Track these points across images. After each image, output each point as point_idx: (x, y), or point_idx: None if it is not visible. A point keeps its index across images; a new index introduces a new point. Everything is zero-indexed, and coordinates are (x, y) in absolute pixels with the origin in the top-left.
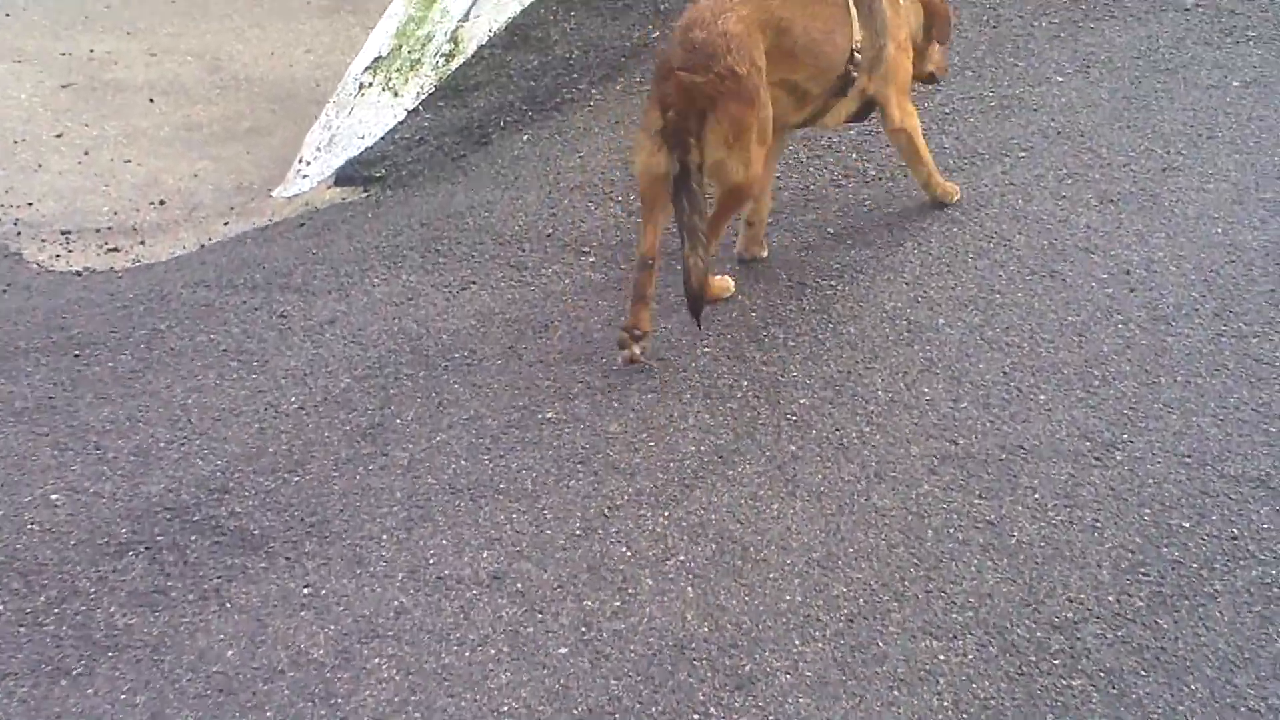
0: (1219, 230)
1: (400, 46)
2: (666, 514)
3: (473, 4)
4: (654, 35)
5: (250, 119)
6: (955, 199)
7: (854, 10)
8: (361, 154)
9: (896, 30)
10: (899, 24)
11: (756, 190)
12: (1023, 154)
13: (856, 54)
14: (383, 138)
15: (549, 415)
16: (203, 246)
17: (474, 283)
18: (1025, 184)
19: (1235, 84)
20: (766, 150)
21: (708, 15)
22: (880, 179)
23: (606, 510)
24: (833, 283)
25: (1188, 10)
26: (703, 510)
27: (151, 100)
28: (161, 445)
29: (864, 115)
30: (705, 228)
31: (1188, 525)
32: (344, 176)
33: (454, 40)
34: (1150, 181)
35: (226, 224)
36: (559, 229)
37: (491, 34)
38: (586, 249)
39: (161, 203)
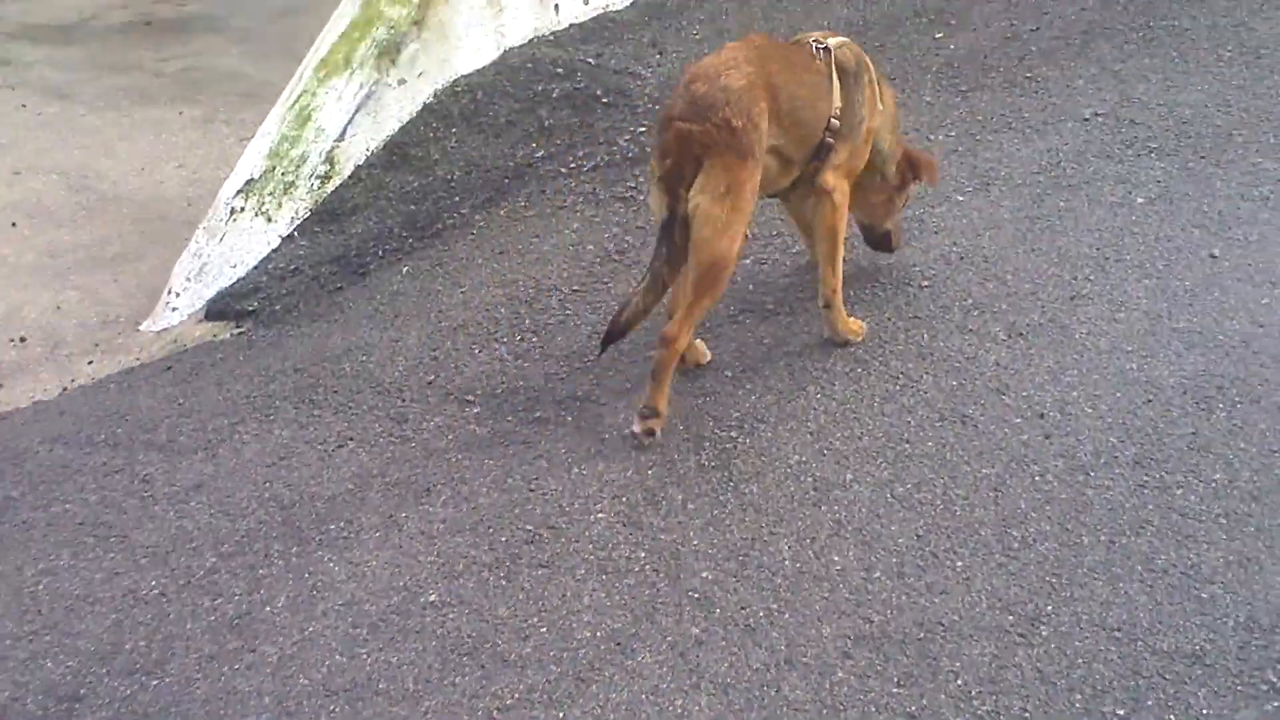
0: (1134, 365)
1: (273, 168)
2: (561, 715)
3: (349, 122)
4: (538, 154)
5: (118, 243)
6: (858, 338)
7: (837, 80)
8: (233, 285)
9: (871, 116)
10: (874, 112)
11: (731, 267)
12: (925, 283)
13: (834, 121)
14: (255, 267)
15: (432, 598)
16: (64, 390)
17: (351, 439)
18: (930, 316)
19: (1140, 200)
20: (748, 221)
21: (711, 70)
22: (779, 313)
23: (496, 712)
24: (733, 434)
25: (1086, 120)
26: (600, 709)
27: (14, 224)
28: (8, 643)
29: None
30: (669, 278)
31: (1122, 713)
32: (215, 310)
33: (330, 161)
34: (1059, 311)
35: (90, 363)
36: (441, 375)
37: (369, 153)
38: (471, 398)
39: (22, 340)
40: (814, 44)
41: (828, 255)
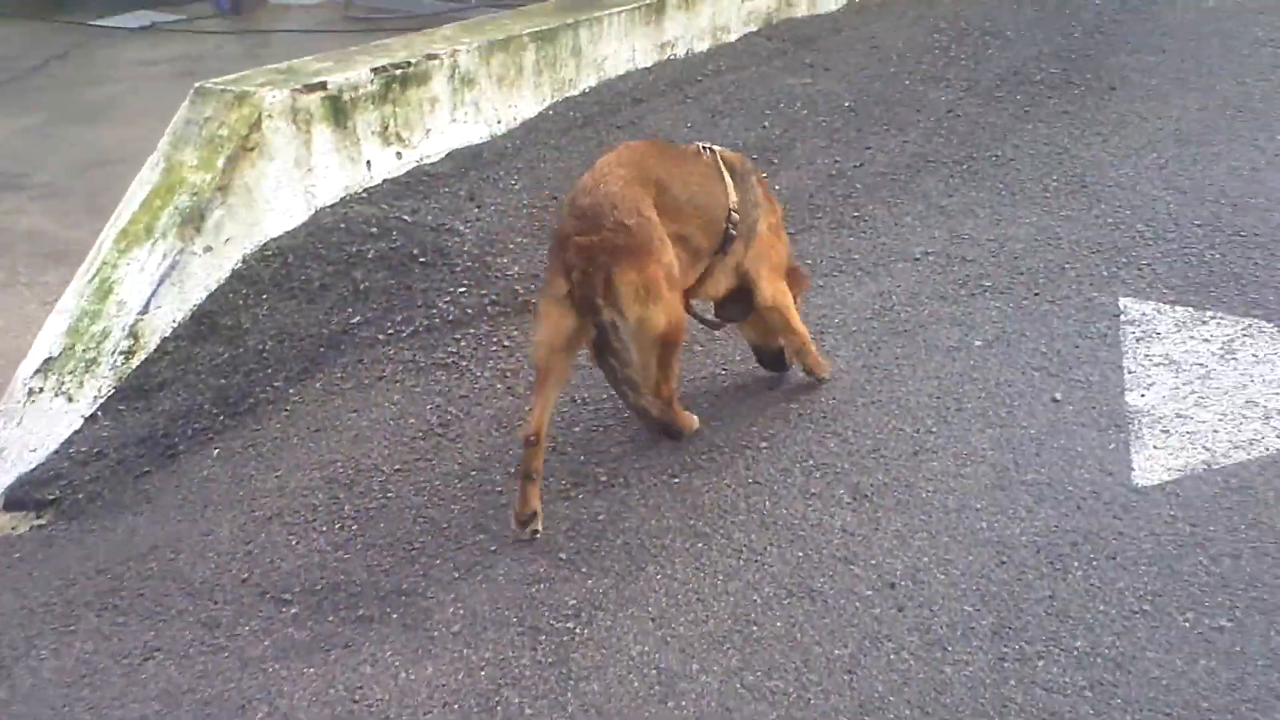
0: (983, 524)
1: (73, 345)
2: None
3: (153, 293)
4: (354, 320)
5: None
6: (827, 376)
7: (728, 176)
8: (34, 471)
9: (769, 213)
10: (771, 210)
11: (682, 334)
12: (764, 444)
13: (734, 212)
14: (56, 451)
15: None
16: None
17: (159, 650)
18: (771, 481)
19: (978, 344)
20: (681, 293)
21: (590, 183)
22: (613, 485)
23: None
24: (569, 624)
25: (918, 260)
26: None
27: None
28: None
29: (745, 308)
30: (640, 378)
31: None
32: (13, 500)
33: (134, 335)
34: (903, 469)
35: None
36: (256, 571)
37: (176, 325)
38: (288, 596)
39: None
40: (699, 145)
41: (789, 333)
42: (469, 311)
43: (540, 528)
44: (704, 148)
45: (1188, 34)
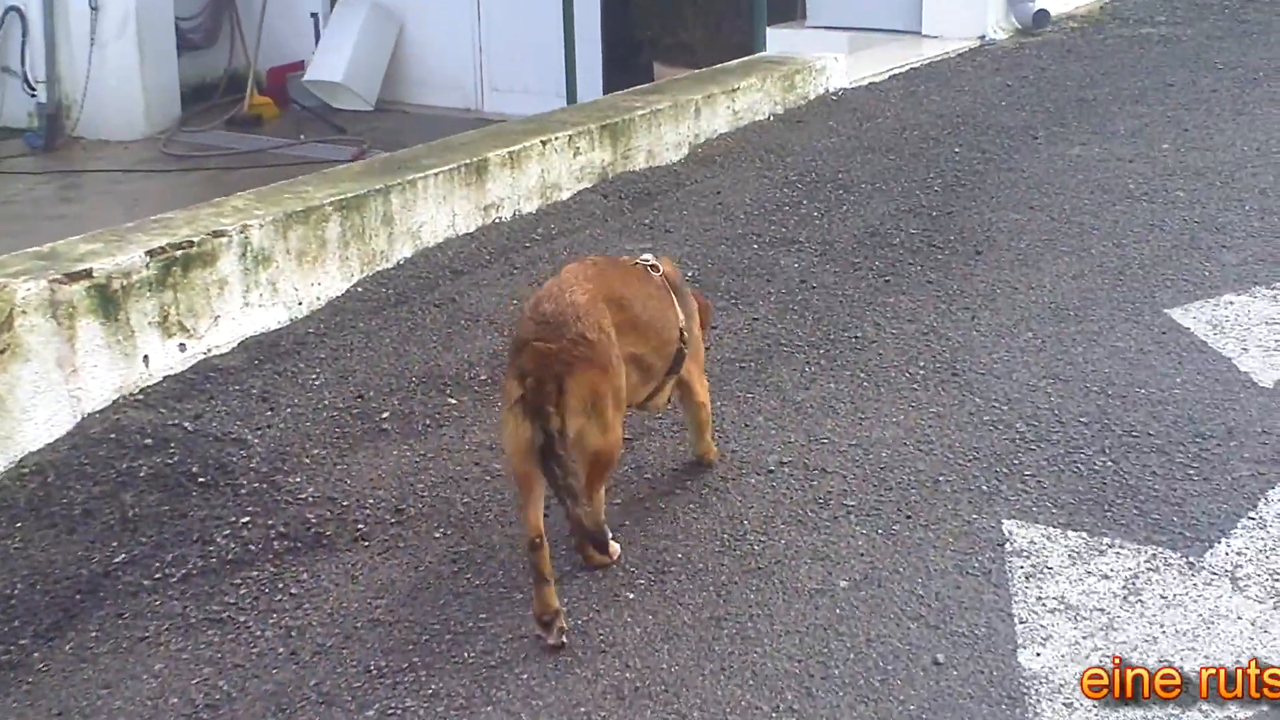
0: None
1: None
2: None
3: None
4: (119, 559)
5: None
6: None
7: (674, 296)
8: None
9: (696, 316)
10: (693, 312)
11: (616, 457)
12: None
13: (684, 333)
14: None
15: None
16: None
17: None
18: None
19: (843, 584)
20: (623, 416)
21: (555, 290)
22: None
23: None
24: None
25: (772, 472)
26: None
27: None
28: None
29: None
30: (581, 486)
31: None
32: None
33: None
34: None
35: None
36: None
37: None
38: None
39: None
40: (643, 263)
41: (702, 426)
42: (251, 549)
43: (566, 626)
44: (648, 265)
45: (1056, 188)
